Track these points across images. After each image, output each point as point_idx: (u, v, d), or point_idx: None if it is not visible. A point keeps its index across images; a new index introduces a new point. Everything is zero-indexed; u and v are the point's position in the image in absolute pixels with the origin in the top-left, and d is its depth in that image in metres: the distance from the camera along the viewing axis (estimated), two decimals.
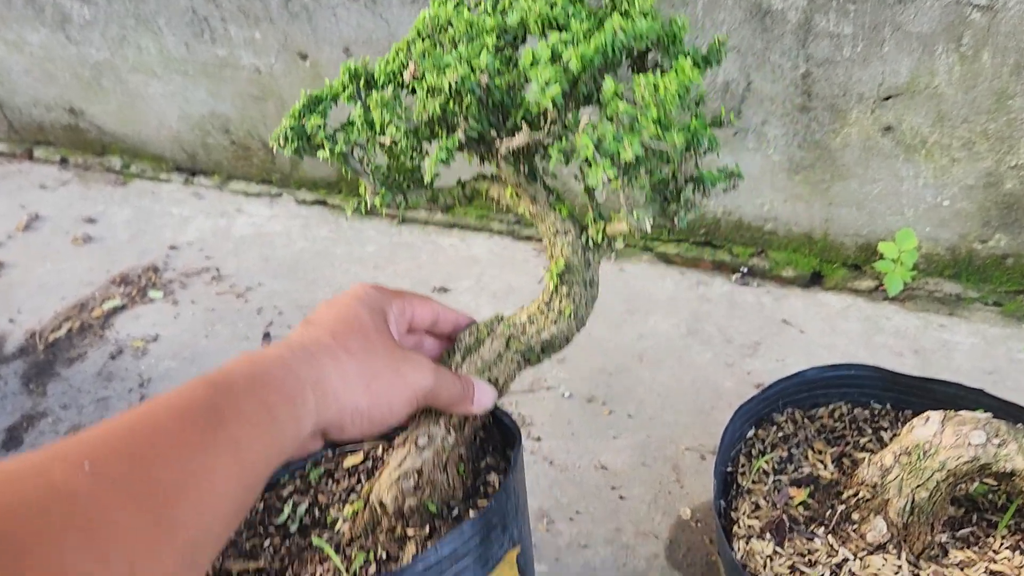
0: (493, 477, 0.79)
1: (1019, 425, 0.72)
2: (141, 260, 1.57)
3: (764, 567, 0.76)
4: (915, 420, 0.74)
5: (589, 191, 0.66)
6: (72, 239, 1.63)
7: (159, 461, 0.41)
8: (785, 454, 0.86)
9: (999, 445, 0.69)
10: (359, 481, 0.82)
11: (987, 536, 0.76)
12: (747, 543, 0.78)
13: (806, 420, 0.89)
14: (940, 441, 0.71)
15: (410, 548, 0.72)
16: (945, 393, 0.85)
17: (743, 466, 0.86)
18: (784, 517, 0.80)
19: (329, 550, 0.73)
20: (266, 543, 0.78)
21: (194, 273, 1.53)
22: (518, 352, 0.71)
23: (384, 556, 0.73)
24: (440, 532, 0.74)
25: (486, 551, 0.73)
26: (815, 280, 1.36)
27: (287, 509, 0.79)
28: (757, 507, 0.82)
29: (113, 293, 1.49)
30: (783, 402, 0.90)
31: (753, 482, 0.84)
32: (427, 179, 0.58)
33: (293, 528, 0.79)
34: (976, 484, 0.81)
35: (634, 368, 1.27)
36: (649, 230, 0.61)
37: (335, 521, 0.79)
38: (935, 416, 0.73)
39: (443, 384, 0.64)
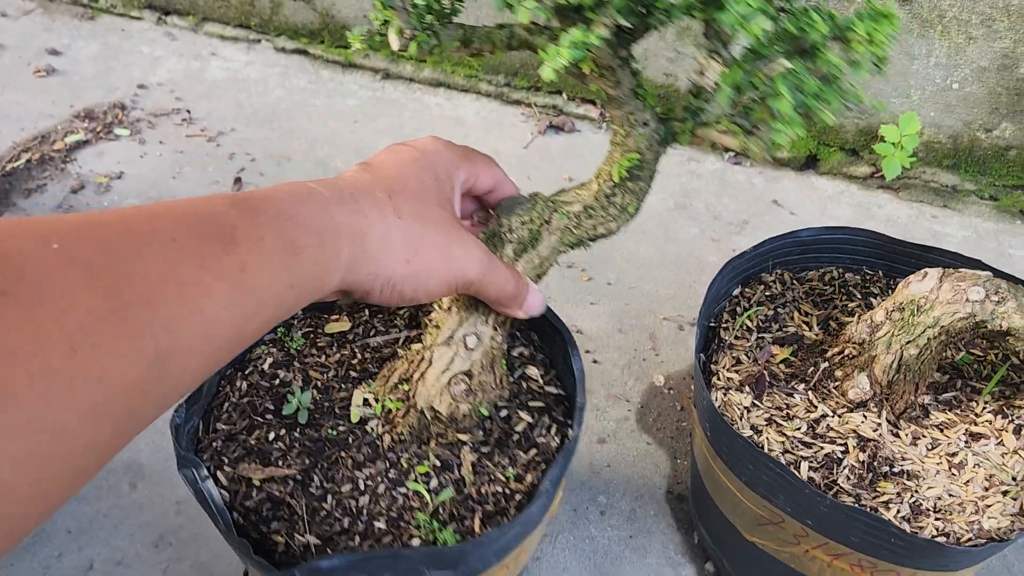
0: (532, 371, 0.75)
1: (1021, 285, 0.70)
2: (107, 97, 1.49)
3: (741, 417, 0.74)
4: (911, 276, 0.71)
5: (697, 91, 0.57)
6: (34, 70, 1.54)
7: (142, 260, 0.35)
8: (771, 313, 0.83)
9: (998, 302, 0.67)
10: (353, 355, 0.75)
11: (970, 401, 0.74)
12: (725, 394, 0.76)
13: (795, 281, 0.86)
14: (936, 297, 0.68)
15: (467, 455, 0.68)
16: (941, 262, 0.82)
17: (727, 322, 0.83)
18: (764, 372, 0.77)
19: (420, 488, 0.65)
20: (271, 437, 0.69)
21: (163, 114, 1.45)
22: (568, 244, 0.64)
23: (438, 464, 0.68)
24: (494, 434, 0.69)
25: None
26: (810, 163, 1.32)
27: (291, 399, 0.70)
28: (738, 362, 0.79)
29: (76, 127, 1.41)
30: (773, 262, 0.86)
31: (736, 338, 0.81)
32: (547, 76, 0.47)
33: (303, 419, 0.70)
34: (962, 353, 0.79)
35: (618, 237, 1.22)
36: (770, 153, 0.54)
37: (346, 409, 0.71)
38: (933, 272, 0.70)
39: (494, 279, 0.58)
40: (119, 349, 0.32)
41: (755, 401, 0.75)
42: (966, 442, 0.71)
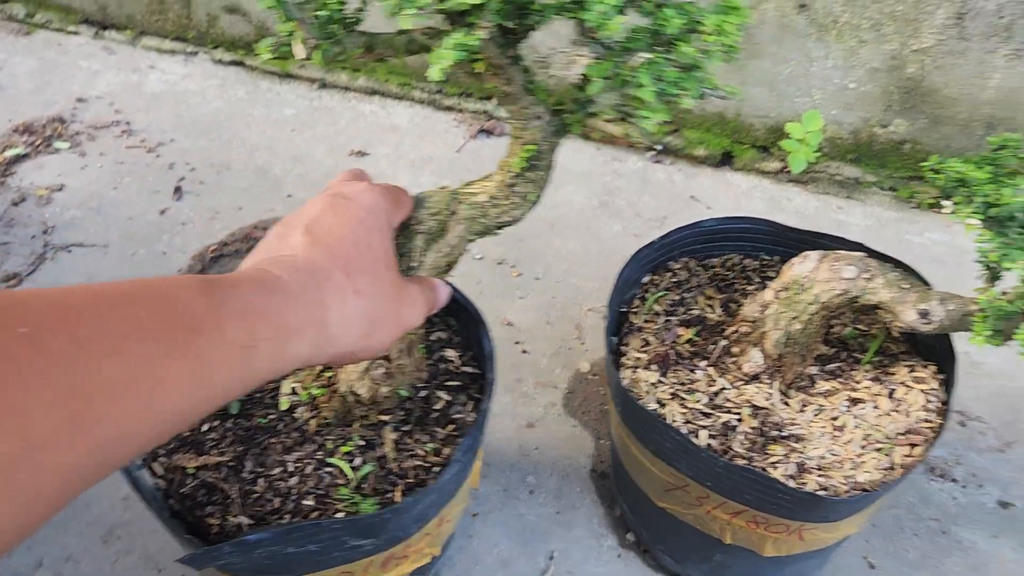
0: (450, 353, 0.81)
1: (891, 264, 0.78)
2: (46, 111, 1.51)
3: (647, 393, 0.81)
4: (795, 259, 0.78)
5: (581, 82, 0.62)
6: None
7: (112, 359, 0.36)
8: (677, 298, 0.90)
9: (868, 279, 0.74)
10: None
11: (852, 370, 0.82)
12: (634, 372, 0.83)
13: (700, 268, 0.93)
14: (816, 276, 0.76)
15: (388, 433, 0.73)
16: (829, 246, 0.89)
17: (637, 307, 0.89)
18: (670, 352, 0.84)
19: (344, 465, 0.71)
20: (204, 428, 0.74)
21: (103, 126, 1.48)
22: (475, 232, 0.69)
23: (363, 444, 0.73)
24: (414, 413, 0.75)
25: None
26: (726, 160, 1.40)
27: None
28: (647, 343, 0.86)
29: (15, 141, 1.44)
30: (679, 251, 0.93)
31: (645, 321, 0.88)
32: (434, 77, 0.51)
33: (234, 409, 0.75)
34: (848, 329, 0.87)
35: (545, 235, 1.30)
36: (652, 131, 0.58)
37: (276, 398, 0.76)
38: (814, 254, 0.78)
39: (428, 306, 0.61)
40: (66, 442, 0.33)
41: (661, 378, 0.82)
42: (847, 407, 0.79)
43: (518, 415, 1.07)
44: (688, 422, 0.78)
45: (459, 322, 0.83)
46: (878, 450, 0.75)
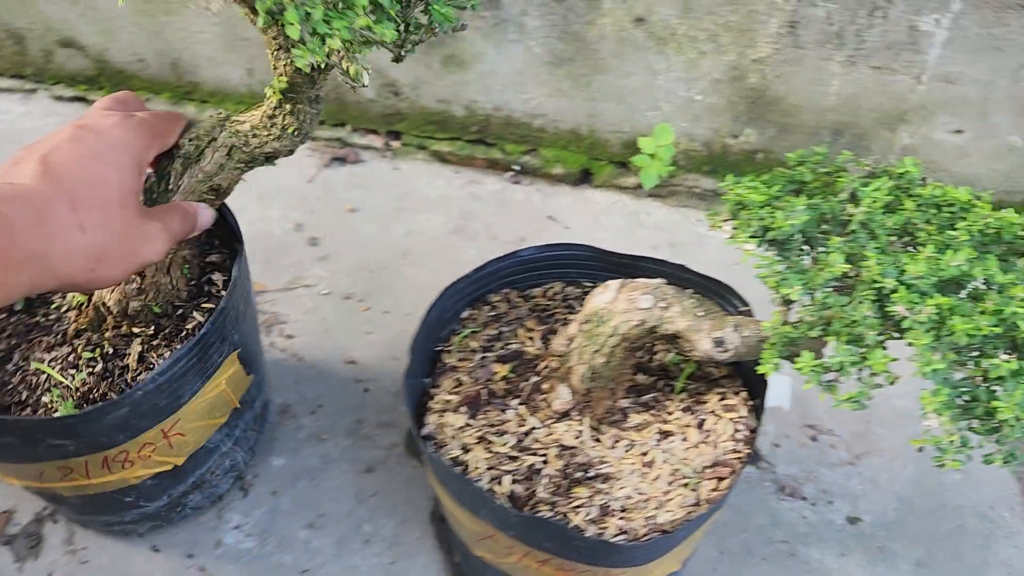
0: (218, 277, 0.84)
1: (690, 290, 0.75)
2: None
3: (453, 438, 0.76)
4: (596, 289, 0.75)
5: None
6: None
7: None
8: (495, 332, 0.86)
9: (664, 308, 0.71)
10: None
11: (667, 400, 0.79)
12: (440, 416, 0.78)
13: (520, 299, 0.89)
14: (614, 307, 0.73)
15: (135, 346, 0.78)
16: (651, 269, 0.86)
17: (452, 344, 0.85)
18: (483, 391, 0.80)
19: (50, 370, 0.77)
20: None
21: None
22: (241, 161, 0.71)
23: (111, 352, 0.78)
24: (165, 330, 0.80)
25: (204, 364, 0.79)
26: (585, 178, 1.37)
27: None
28: (459, 383, 0.82)
29: None
30: (499, 283, 0.90)
31: (460, 359, 0.84)
32: None
33: (19, 305, 0.83)
34: (672, 355, 0.84)
35: (397, 265, 1.25)
36: (367, 83, 0.59)
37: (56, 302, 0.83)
38: (613, 284, 0.74)
39: (175, 238, 0.65)
40: None
41: (470, 420, 0.78)
42: (657, 441, 0.76)
43: (357, 459, 1.02)
44: (491, 468, 0.74)
45: (239, 252, 0.84)
46: (684, 485, 0.72)
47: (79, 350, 0.78)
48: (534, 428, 0.77)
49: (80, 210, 0.54)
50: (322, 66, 0.61)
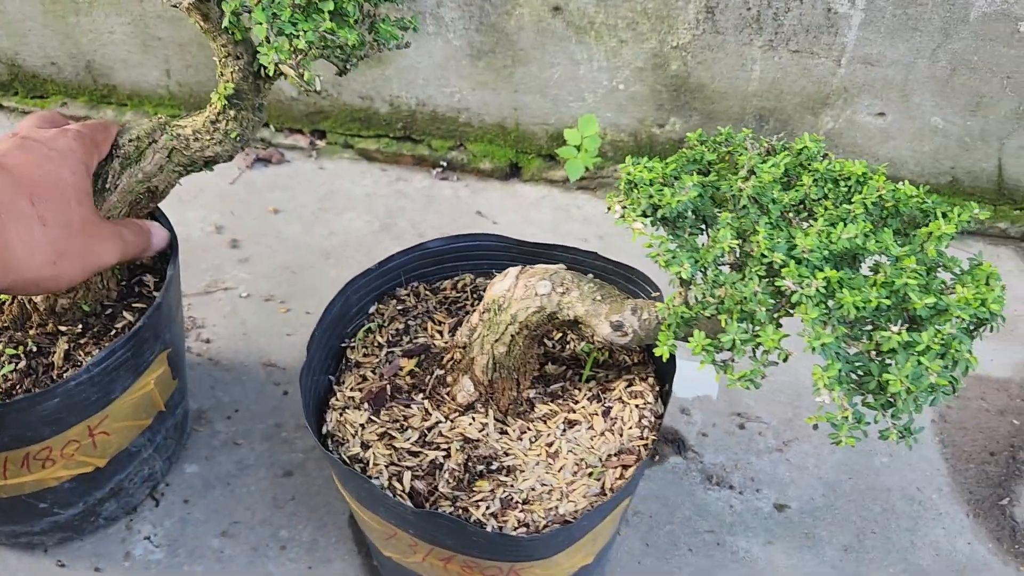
0: (148, 278, 0.84)
1: (590, 275, 0.73)
2: None
3: (354, 435, 0.74)
4: (496, 276, 0.73)
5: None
6: None
7: None
8: (402, 326, 0.84)
9: (562, 293, 0.69)
10: None
11: (575, 389, 0.77)
12: (341, 414, 0.76)
13: (429, 292, 0.87)
14: (513, 294, 0.71)
15: (62, 344, 0.78)
16: (563, 258, 0.85)
17: (357, 341, 0.83)
18: (387, 387, 0.78)
19: None
20: None
21: None
22: (180, 164, 0.73)
23: (35, 350, 0.77)
24: (94, 328, 0.79)
25: (137, 360, 0.78)
26: (514, 172, 1.35)
27: None
28: (364, 379, 0.79)
29: None
30: (407, 276, 0.87)
31: (364, 355, 0.81)
32: None
33: None
34: (583, 344, 0.82)
35: (320, 265, 1.23)
36: (319, 88, 0.64)
37: None
38: (512, 271, 0.72)
39: (130, 253, 0.67)
40: None
41: (372, 416, 0.76)
42: (563, 430, 0.74)
43: (275, 464, 0.99)
44: (391, 464, 0.71)
45: (172, 251, 0.82)
46: (589, 475, 0.70)
47: (1, 347, 0.78)
48: (438, 422, 0.75)
49: (40, 203, 0.56)
50: (272, 73, 0.64)
